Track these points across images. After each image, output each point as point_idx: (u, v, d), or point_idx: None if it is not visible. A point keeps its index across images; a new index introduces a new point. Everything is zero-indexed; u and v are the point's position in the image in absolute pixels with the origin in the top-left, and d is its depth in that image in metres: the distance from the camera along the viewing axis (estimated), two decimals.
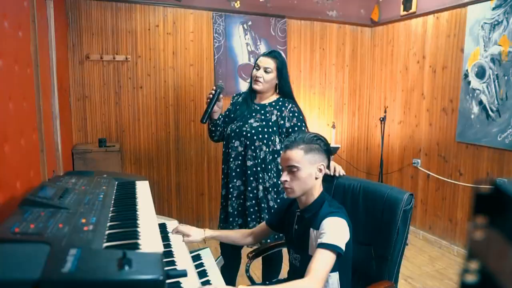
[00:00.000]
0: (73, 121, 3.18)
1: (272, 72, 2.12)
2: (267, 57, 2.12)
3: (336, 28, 4.18)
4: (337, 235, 1.34)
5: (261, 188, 2.10)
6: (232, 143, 2.14)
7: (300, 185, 1.46)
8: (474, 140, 3.27)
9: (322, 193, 1.52)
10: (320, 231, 1.37)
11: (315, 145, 1.46)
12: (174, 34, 3.45)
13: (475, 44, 3.22)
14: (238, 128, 2.14)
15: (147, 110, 3.42)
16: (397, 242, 1.49)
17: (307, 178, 1.45)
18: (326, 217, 1.39)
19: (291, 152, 1.45)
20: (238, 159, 2.14)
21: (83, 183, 1.42)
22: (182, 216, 3.66)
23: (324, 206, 1.47)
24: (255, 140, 2.09)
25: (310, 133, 1.51)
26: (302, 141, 1.46)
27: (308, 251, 1.47)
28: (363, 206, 1.64)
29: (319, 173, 1.48)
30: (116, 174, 1.72)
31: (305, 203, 1.52)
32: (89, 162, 2.89)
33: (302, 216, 1.53)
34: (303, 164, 1.44)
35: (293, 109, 2.14)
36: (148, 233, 1.04)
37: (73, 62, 3.13)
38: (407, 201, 1.50)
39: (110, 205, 1.24)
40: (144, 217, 1.19)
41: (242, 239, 1.76)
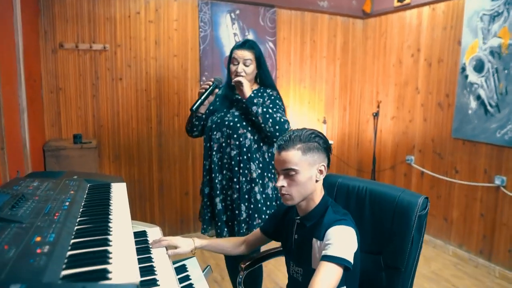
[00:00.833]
0: (46, 115, 2.92)
1: (252, 63, 2.01)
2: (243, 49, 2.00)
3: (327, 19, 4.00)
4: (344, 246, 1.16)
5: (245, 179, 1.98)
6: (214, 135, 2.02)
7: (299, 190, 1.27)
8: (472, 136, 3.14)
9: (324, 197, 1.33)
10: (325, 242, 1.19)
11: (314, 143, 1.27)
12: (156, 22, 3.20)
13: (473, 36, 3.09)
14: (220, 118, 2.03)
15: (127, 103, 3.17)
16: (412, 252, 1.32)
17: (306, 182, 1.26)
18: (331, 225, 1.21)
19: (287, 153, 1.25)
20: (220, 151, 2.03)
21: (47, 187, 1.20)
22: (166, 217, 3.44)
23: (328, 212, 1.28)
24: (239, 128, 1.97)
25: (307, 130, 1.30)
26: (298, 140, 1.26)
27: (311, 264, 1.28)
28: (370, 211, 1.47)
29: (319, 175, 1.29)
30: (88, 175, 1.50)
31: (306, 210, 1.33)
32: (62, 160, 2.64)
33: (302, 224, 1.34)
34: (302, 166, 1.25)
35: (271, 93, 2.06)
36: (122, 252, 0.84)
37: (45, 50, 2.86)
38: (422, 205, 1.32)
39: (77, 215, 1.03)
40: (119, 230, 0.98)
41: (235, 248, 1.56)
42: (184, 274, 1.47)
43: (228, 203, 2.05)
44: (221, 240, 1.63)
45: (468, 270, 3.11)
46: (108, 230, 0.96)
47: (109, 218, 1.05)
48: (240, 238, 1.60)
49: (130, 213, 1.15)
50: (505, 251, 2.94)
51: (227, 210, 2.07)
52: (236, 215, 2.01)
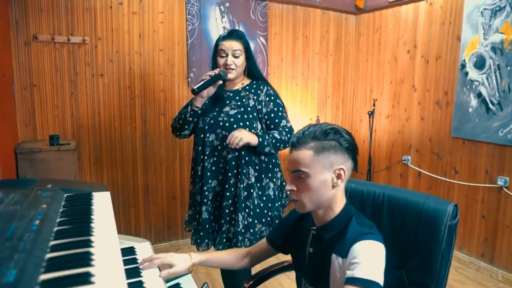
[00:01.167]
0: (18, 114, 2.65)
1: (241, 54, 1.87)
2: (231, 40, 1.85)
3: (320, 14, 3.84)
4: (375, 266, 0.98)
5: (242, 186, 1.81)
6: (207, 137, 1.85)
7: (311, 196, 1.08)
8: (472, 136, 3.03)
9: (346, 206, 1.15)
10: (351, 260, 1.00)
11: (331, 141, 1.07)
12: (140, 14, 2.97)
13: (474, 32, 2.98)
14: (213, 119, 1.85)
15: (109, 101, 2.93)
16: (442, 268, 1.15)
17: (320, 187, 1.07)
18: (357, 240, 1.03)
19: (298, 152, 1.08)
20: (214, 155, 1.85)
21: (12, 200, 0.98)
22: (152, 224, 3.21)
23: (351, 224, 1.09)
24: (235, 129, 1.79)
25: (325, 125, 1.11)
26: (312, 137, 1.08)
27: (329, 284, 1.10)
28: (389, 221, 1.30)
29: (337, 180, 1.09)
30: (66, 183, 1.28)
31: (323, 220, 1.14)
32: (37, 164, 2.39)
33: (319, 236, 1.15)
34: (314, 168, 1.06)
35: (269, 92, 1.91)
36: None
37: (16, 43, 2.59)
38: (453, 213, 1.16)
39: (49, 238, 0.82)
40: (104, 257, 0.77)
41: (237, 262, 1.36)
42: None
43: (217, 213, 1.88)
44: (221, 253, 1.42)
45: (469, 274, 2.99)
46: (89, 258, 0.75)
47: (90, 241, 0.84)
48: (243, 249, 1.40)
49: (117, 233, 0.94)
50: (508, 253, 2.84)
51: (216, 220, 1.88)
52: (228, 224, 1.82)
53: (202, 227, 1.87)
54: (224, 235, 1.84)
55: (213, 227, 1.89)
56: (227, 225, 1.83)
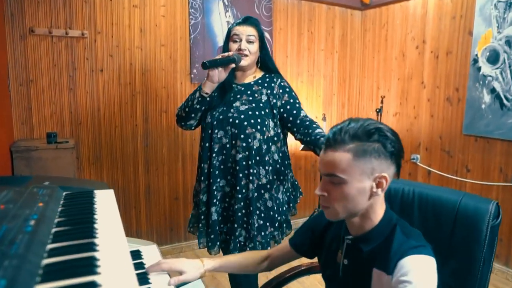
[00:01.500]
0: (14, 111, 2.53)
1: (256, 41, 1.76)
2: (245, 25, 1.75)
3: (325, 10, 3.74)
4: (427, 285, 0.85)
5: (253, 187, 1.70)
6: (215, 133, 1.74)
7: (345, 205, 0.94)
8: (485, 133, 2.92)
9: (387, 213, 1.00)
10: (400, 278, 0.86)
11: (375, 143, 0.92)
12: (141, 7, 2.86)
13: (487, 26, 2.88)
14: (222, 114, 1.74)
15: (109, 98, 2.81)
16: (484, 272, 1.04)
17: (356, 195, 0.93)
18: (406, 255, 0.89)
19: (334, 154, 0.92)
20: (222, 153, 1.74)
21: (5, 198, 0.87)
22: (154, 225, 3.09)
23: (396, 236, 0.95)
24: (246, 126, 1.69)
25: (369, 122, 0.94)
26: (352, 137, 0.92)
27: None
28: (421, 220, 1.18)
29: (377, 189, 0.94)
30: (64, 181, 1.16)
31: (361, 229, 1.00)
32: (34, 162, 2.26)
33: (356, 247, 1.01)
34: (352, 174, 0.91)
35: (282, 83, 1.81)
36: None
37: (12, 36, 2.47)
38: (495, 213, 1.05)
39: (46, 240, 0.70)
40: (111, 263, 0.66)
41: (256, 266, 1.23)
42: None
43: (226, 214, 1.77)
44: (236, 256, 1.28)
45: None
46: (94, 264, 0.64)
47: (94, 244, 0.72)
48: (262, 252, 1.27)
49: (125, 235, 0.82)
50: None
51: (226, 222, 1.78)
52: (234, 228, 1.71)
53: (212, 230, 1.76)
54: (239, 239, 1.74)
55: (221, 229, 1.79)
56: (240, 229, 1.73)
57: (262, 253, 1.26)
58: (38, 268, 0.59)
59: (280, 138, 1.81)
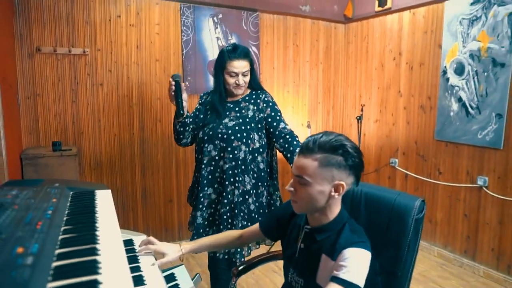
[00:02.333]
0: (23, 122, 2.80)
1: (249, 72, 1.97)
2: (239, 59, 1.91)
3: (309, 24, 4.02)
4: (359, 271, 1.10)
5: (238, 192, 1.90)
6: (205, 147, 1.94)
7: (308, 202, 1.17)
8: (454, 138, 3.19)
9: (341, 213, 1.24)
10: (340, 263, 1.11)
11: (337, 157, 1.13)
12: (138, 26, 3.14)
13: (453, 40, 3.15)
14: (212, 130, 1.94)
15: (108, 109, 3.09)
16: (408, 257, 1.29)
17: (317, 196, 1.16)
18: (349, 247, 1.13)
19: (304, 160, 1.15)
20: (211, 164, 1.95)
21: (26, 196, 1.13)
22: (149, 226, 3.35)
23: (344, 231, 1.19)
24: (233, 140, 1.90)
25: (335, 139, 1.15)
26: (320, 149, 1.14)
27: (316, 279, 1.22)
28: (366, 215, 1.44)
29: (334, 193, 1.16)
30: (70, 183, 1.43)
31: (318, 222, 1.23)
32: (41, 168, 2.53)
33: (312, 236, 1.25)
34: (315, 179, 1.14)
35: (266, 98, 2.00)
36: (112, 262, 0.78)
37: (21, 54, 2.75)
38: (419, 208, 1.30)
39: (61, 224, 0.96)
40: (107, 239, 0.92)
41: (230, 243, 1.49)
42: (173, 283, 1.42)
43: (211, 219, 1.98)
44: (211, 237, 1.53)
45: (453, 270, 3.14)
46: (95, 239, 0.90)
47: (95, 227, 0.98)
48: (234, 232, 1.51)
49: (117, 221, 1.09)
50: (488, 250, 2.98)
51: (211, 225, 1.99)
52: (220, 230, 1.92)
53: (196, 232, 1.96)
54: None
55: (207, 232, 1.97)
56: (225, 230, 1.91)
57: (235, 233, 1.51)
58: (57, 241, 0.85)
59: (265, 148, 1.99)
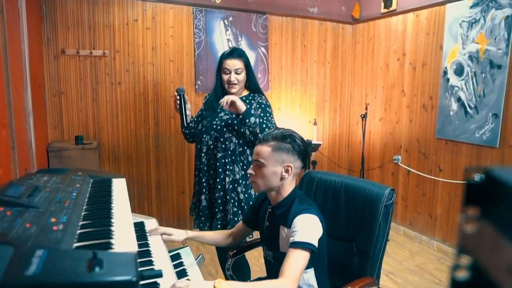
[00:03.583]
0: (49, 117, 3.08)
1: (242, 71, 2.15)
2: (232, 58, 2.12)
3: (317, 25, 4.18)
4: (308, 232, 1.31)
5: (229, 180, 2.12)
6: (204, 138, 2.17)
7: (263, 181, 1.44)
8: (453, 137, 3.31)
9: (294, 190, 1.48)
10: (292, 230, 1.34)
11: (286, 144, 1.41)
12: (153, 29, 3.37)
13: (454, 42, 3.27)
14: (209, 122, 2.17)
15: (125, 106, 3.34)
16: (379, 238, 1.48)
17: (271, 176, 1.42)
18: (297, 215, 1.36)
19: (261, 147, 1.43)
20: (208, 153, 2.17)
21: (55, 181, 1.36)
22: (163, 215, 3.60)
23: (294, 203, 1.43)
24: (225, 132, 2.11)
25: (286, 131, 1.45)
26: (272, 138, 1.42)
27: (279, 248, 1.44)
28: (345, 202, 1.63)
29: (285, 174, 1.42)
30: (91, 172, 1.66)
31: (275, 200, 1.49)
32: (65, 160, 2.79)
33: (273, 213, 1.50)
34: (269, 161, 1.41)
35: (260, 101, 2.17)
36: (122, 232, 1.00)
37: (48, 57, 3.02)
38: (389, 196, 1.49)
39: (83, 203, 1.19)
40: (119, 216, 1.14)
41: (223, 240, 1.74)
42: (178, 261, 1.63)
43: (213, 201, 2.21)
44: (211, 232, 1.81)
45: (450, 264, 3.26)
46: (110, 215, 1.12)
47: (111, 206, 1.21)
48: (227, 231, 1.77)
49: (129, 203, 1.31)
50: None
51: (210, 207, 2.22)
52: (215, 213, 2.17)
53: (202, 213, 2.23)
54: (219, 221, 2.18)
55: (210, 211, 2.22)
56: (221, 214, 2.18)
57: (227, 231, 1.77)
58: (80, 215, 1.08)
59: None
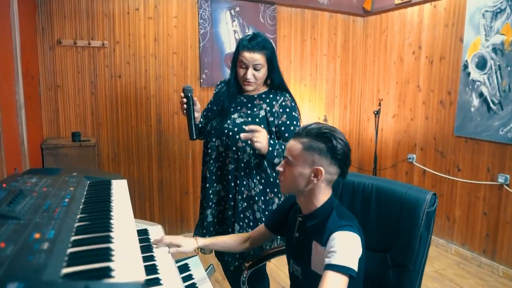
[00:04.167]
0: (44, 112, 2.87)
1: (263, 67, 1.72)
2: (253, 51, 1.68)
3: (327, 17, 3.97)
4: (349, 254, 1.10)
5: (242, 198, 1.75)
6: (212, 141, 1.80)
7: (289, 182, 1.23)
8: (474, 134, 3.11)
9: (330, 200, 1.25)
10: (329, 249, 1.12)
11: (320, 143, 1.18)
12: (155, 19, 3.16)
13: (476, 34, 3.06)
14: (219, 124, 1.78)
15: (126, 101, 3.13)
16: (420, 250, 1.29)
17: (297, 177, 1.21)
18: (335, 231, 1.14)
19: (293, 142, 1.23)
20: (219, 160, 1.80)
21: (45, 183, 1.16)
22: (165, 216, 3.40)
23: (332, 216, 1.20)
24: (238, 139, 1.71)
25: (325, 127, 1.21)
26: (306, 134, 1.20)
27: (310, 266, 1.23)
28: (377, 208, 1.43)
29: (313, 178, 1.19)
30: (88, 172, 1.46)
31: (307, 209, 1.26)
32: (61, 158, 2.59)
33: (303, 223, 1.27)
34: (298, 160, 1.20)
35: (284, 103, 1.77)
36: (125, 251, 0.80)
37: (42, 47, 2.81)
38: (431, 201, 1.29)
39: (77, 212, 0.99)
40: (121, 228, 0.94)
41: (239, 245, 1.52)
42: (187, 273, 1.43)
43: (221, 216, 1.85)
44: (224, 237, 1.58)
45: (471, 269, 3.08)
46: (109, 227, 0.92)
47: (110, 215, 1.01)
48: (244, 234, 1.55)
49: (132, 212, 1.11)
50: (508, 250, 2.92)
51: (221, 223, 1.86)
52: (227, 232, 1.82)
53: (207, 231, 1.84)
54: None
55: (216, 230, 1.86)
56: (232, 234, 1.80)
57: (244, 235, 1.55)
58: (73, 228, 0.88)
59: None
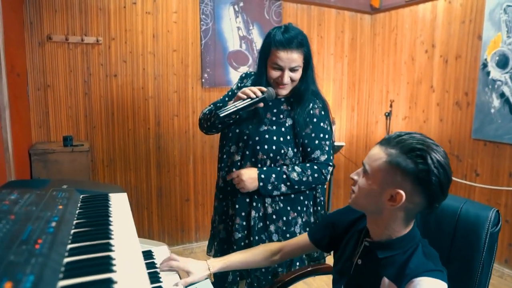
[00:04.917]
0: (32, 115, 2.63)
1: (300, 68, 1.49)
2: (291, 51, 1.42)
3: (334, 14, 3.78)
4: None
5: (256, 216, 1.53)
6: (228, 146, 1.57)
7: (359, 197, 1.00)
8: (494, 137, 2.92)
9: (413, 231, 1.00)
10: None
11: (410, 161, 0.90)
12: (154, 14, 2.94)
13: (496, 30, 2.88)
14: (239, 128, 1.54)
15: (122, 102, 2.90)
16: (482, 278, 1.07)
17: (369, 194, 0.97)
18: (421, 275, 0.90)
19: (377, 149, 0.97)
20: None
21: (28, 201, 0.94)
22: (165, 226, 3.16)
23: (417, 254, 0.97)
24: (258, 151, 1.49)
25: (425, 140, 0.92)
26: (398, 143, 0.93)
27: None
28: (422, 225, 1.22)
29: (387, 202, 0.94)
30: (81, 184, 1.23)
31: (380, 235, 1.01)
32: (51, 165, 2.35)
33: (371, 251, 1.03)
34: (375, 174, 0.96)
35: (313, 111, 1.53)
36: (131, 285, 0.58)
37: (31, 43, 2.57)
38: (494, 220, 1.09)
39: (66, 241, 0.76)
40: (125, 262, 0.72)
41: (266, 260, 1.26)
42: None
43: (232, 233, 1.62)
44: (244, 254, 1.28)
45: (492, 280, 2.88)
46: (110, 263, 0.70)
47: (110, 244, 0.78)
48: (272, 246, 1.29)
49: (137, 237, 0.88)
50: None
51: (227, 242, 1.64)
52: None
53: (218, 247, 1.65)
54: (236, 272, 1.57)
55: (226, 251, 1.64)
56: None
57: (272, 247, 1.28)
58: (60, 266, 0.66)
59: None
